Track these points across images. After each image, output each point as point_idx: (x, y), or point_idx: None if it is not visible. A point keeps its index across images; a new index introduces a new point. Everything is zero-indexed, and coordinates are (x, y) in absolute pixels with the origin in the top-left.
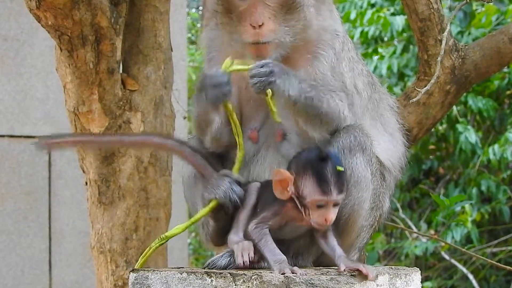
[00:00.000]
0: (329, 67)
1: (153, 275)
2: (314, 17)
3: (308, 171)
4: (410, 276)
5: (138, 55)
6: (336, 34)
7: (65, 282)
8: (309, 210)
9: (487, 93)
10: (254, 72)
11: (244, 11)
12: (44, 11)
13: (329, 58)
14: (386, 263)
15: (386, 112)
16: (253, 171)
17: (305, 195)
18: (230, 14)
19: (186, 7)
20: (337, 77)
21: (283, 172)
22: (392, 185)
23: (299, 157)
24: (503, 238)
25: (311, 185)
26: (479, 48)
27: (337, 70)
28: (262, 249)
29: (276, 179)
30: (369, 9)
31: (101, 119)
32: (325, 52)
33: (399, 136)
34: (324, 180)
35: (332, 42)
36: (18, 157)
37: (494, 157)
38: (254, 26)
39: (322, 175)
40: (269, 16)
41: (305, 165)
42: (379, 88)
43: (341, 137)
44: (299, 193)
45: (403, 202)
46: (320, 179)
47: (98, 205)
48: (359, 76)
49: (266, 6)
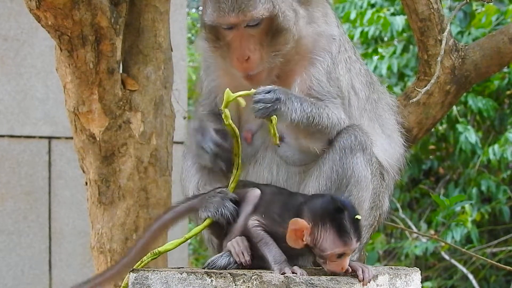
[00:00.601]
0: (324, 73)
1: (153, 275)
2: (306, 26)
3: (327, 223)
4: (410, 276)
5: (138, 55)
6: (333, 38)
7: (65, 282)
8: (326, 260)
9: (487, 93)
10: (259, 97)
11: (231, 41)
12: (44, 11)
13: (325, 63)
14: (386, 263)
15: (385, 113)
16: (251, 172)
17: (325, 247)
18: (219, 41)
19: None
20: (333, 82)
21: (300, 222)
22: (391, 186)
23: (313, 206)
24: (503, 238)
25: (332, 237)
26: (479, 48)
27: (333, 75)
28: (262, 249)
29: (292, 228)
30: (369, 9)
31: (101, 119)
32: (321, 58)
33: (398, 137)
34: (345, 231)
35: (328, 46)
36: (18, 157)
37: (494, 157)
38: (242, 60)
39: (342, 227)
40: (254, 47)
41: (323, 217)
42: (378, 87)
43: (342, 137)
44: (316, 244)
45: (403, 202)
46: (341, 231)
47: (98, 205)
48: (357, 76)
49: (250, 36)
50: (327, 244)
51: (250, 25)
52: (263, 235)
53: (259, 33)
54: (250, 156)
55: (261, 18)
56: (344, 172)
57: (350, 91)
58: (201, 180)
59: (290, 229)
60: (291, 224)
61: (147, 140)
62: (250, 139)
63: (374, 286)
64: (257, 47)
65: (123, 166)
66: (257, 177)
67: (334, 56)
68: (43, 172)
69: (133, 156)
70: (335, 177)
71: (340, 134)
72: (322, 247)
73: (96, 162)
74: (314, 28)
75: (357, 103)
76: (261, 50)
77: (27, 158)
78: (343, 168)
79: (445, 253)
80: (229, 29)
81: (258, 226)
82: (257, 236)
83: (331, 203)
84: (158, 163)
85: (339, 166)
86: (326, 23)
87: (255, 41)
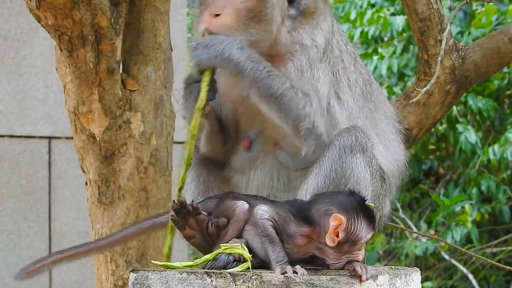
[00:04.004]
0: (298, 71)
1: (153, 275)
2: (287, 33)
3: (360, 213)
4: (410, 276)
5: (138, 55)
6: (315, 45)
7: (65, 282)
8: (344, 255)
9: (487, 93)
10: (198, 41)
11: (210, 2)
12: (44, 11)
13: (299, 63)
14: (386, 263)
15: (381, 123)
16: (252, 178)
17: (361, 236)
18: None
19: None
20: (305, 79)
21: (341, 217)
22: (392, 190)
23: (341, 201)
24: (503, 238)
25: (365, 225)
26: (479, 48)
27: (308, 74)
28: (266, 245)
29: (333, 224)
30: (369, 9)
31: (101, 119)
32: (296, 58)
33: (396, 146)
34: (373, 217)
35: (306, 51)
36: (18, 157)
37: (494, 157)
38: (211, 15)
39: (371, 214)
40: (231, 12)
41: (354, 208)
42: (376, 97)
43: (342, 136)
44: (349, 237)
45: (403, 202)
46: (370, 218)
47: (98, 205)
48: (350, 88)
49: (234, 3)
50: (362, 233)
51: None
52: (271, 232)
53: (242, 3)
54: (250, 163)
55: None
56: (343, 172)
57: (333, 102)
58: (196, 189)
59: (332, 226)
60: (333, 220)
61: (147, 140)
62: (247, 147)
63: (374, 286)
64: (233, 14)
65: (123, 166)
66: (258, 184)
67: (312, 60)
68: (43, 172)
69: (133, 156)
70: (334, 176)
71: (341, 133)
72: (357, 238)
73: (96, 162)
74: (293, 37)
75: (346, 114)
76: (234, 19)
77: (27, 158)
78: (342, 167)
79: (445, 253)
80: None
81: (268, 220)
82: (264, 230)
83: (353, 195)
84: (158, 163)
85: (338, 164)
86: (310, 34)
87: (235, 8)
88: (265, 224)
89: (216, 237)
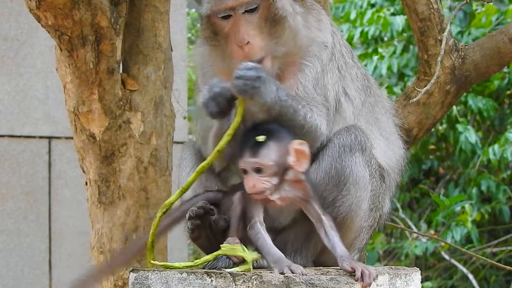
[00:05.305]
0: (312, 79)
1: (153, 275)
2: (300, 27)
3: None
4: (410, 276)
5: (138, 55)
6: (324, 45)
7: (65, 282)
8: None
9: (487, 93)
10: (241, 73)
11: (229, 32)
12: (44, 11)
13: (314, 70)
14: (386, 263)
15: (382, 116)
16: None
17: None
18: (217, 36)
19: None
20: (319, 90)
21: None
22: (392, 187)
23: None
24: (503, 238)
25: None
26: (479, 48)
27: (321, 83)
28: (261, 251)
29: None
30: (369, 9)
31: (101, 119)
32: (310, 64)
33: (396, 139)
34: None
35: (319, 53)
36: (18, 157)
37: (494, 157)
38: (241, 46)
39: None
40: (254, 34)
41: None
42: (375, 90)
43: (342, 135)
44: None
45: (403, 202)
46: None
47: (98, 205)
48: (352, 82)
49: (248, 23)
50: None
51: (248, 10)
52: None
53: (257, 19)
54: None
55: (258, 0)
56: (343, 170)
57: (341, 99)
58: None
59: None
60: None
61: (147, 140)
62: None
63: (374, 286)
64: (256, 33)
65: (123, 166)
66: None
67: (325, 64)
68: (43, 172)
69: (133, 156)
70: (333, 174)
71: (340, 132)
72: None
73: (96, 162)
74: (306, 32)
75: (352, 109)
76: (261, 37)
77: (27, 158)
78: (341, 165)
79: (445, 253)
80: (227, 18)
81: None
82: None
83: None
84: (158, 163)
85: (338, 162)
86: (319, 30)
87: (254, 27)
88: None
89: (220, 236)
